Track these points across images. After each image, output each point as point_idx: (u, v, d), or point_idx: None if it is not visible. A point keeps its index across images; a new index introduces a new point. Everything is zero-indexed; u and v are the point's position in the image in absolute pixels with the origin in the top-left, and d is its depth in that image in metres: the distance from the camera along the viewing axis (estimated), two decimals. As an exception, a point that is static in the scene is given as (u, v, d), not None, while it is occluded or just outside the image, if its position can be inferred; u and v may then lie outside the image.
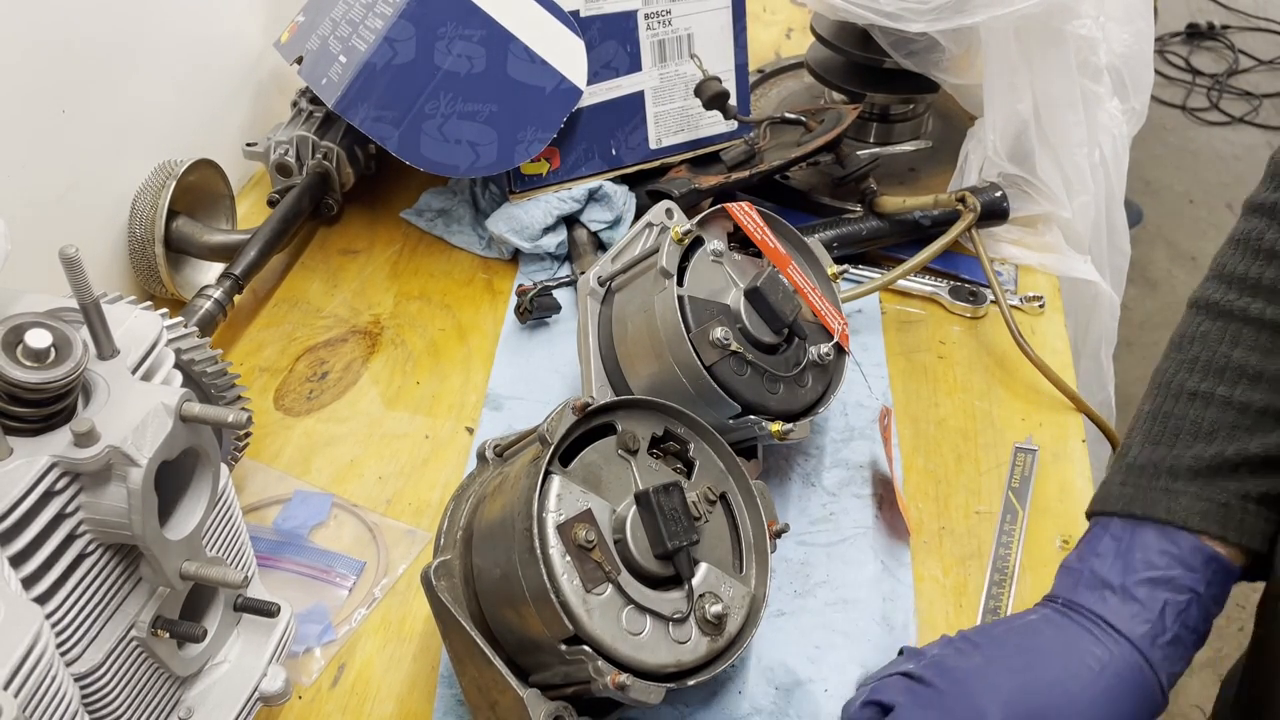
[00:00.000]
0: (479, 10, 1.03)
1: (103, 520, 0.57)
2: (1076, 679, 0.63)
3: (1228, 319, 0.69)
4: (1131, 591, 0.65)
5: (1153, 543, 0.67)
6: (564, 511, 0.64)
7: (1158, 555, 0.66)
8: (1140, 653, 0.64)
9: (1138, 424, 0.72)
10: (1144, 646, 0.64)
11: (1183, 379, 0.70)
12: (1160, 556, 0.66)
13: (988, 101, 1.07)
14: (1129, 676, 0.64)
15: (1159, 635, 0.64)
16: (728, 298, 0.82)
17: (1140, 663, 0.64)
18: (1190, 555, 0.66)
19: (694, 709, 0.73)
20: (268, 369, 0.99)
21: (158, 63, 1.07)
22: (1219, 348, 0.69)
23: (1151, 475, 0.69)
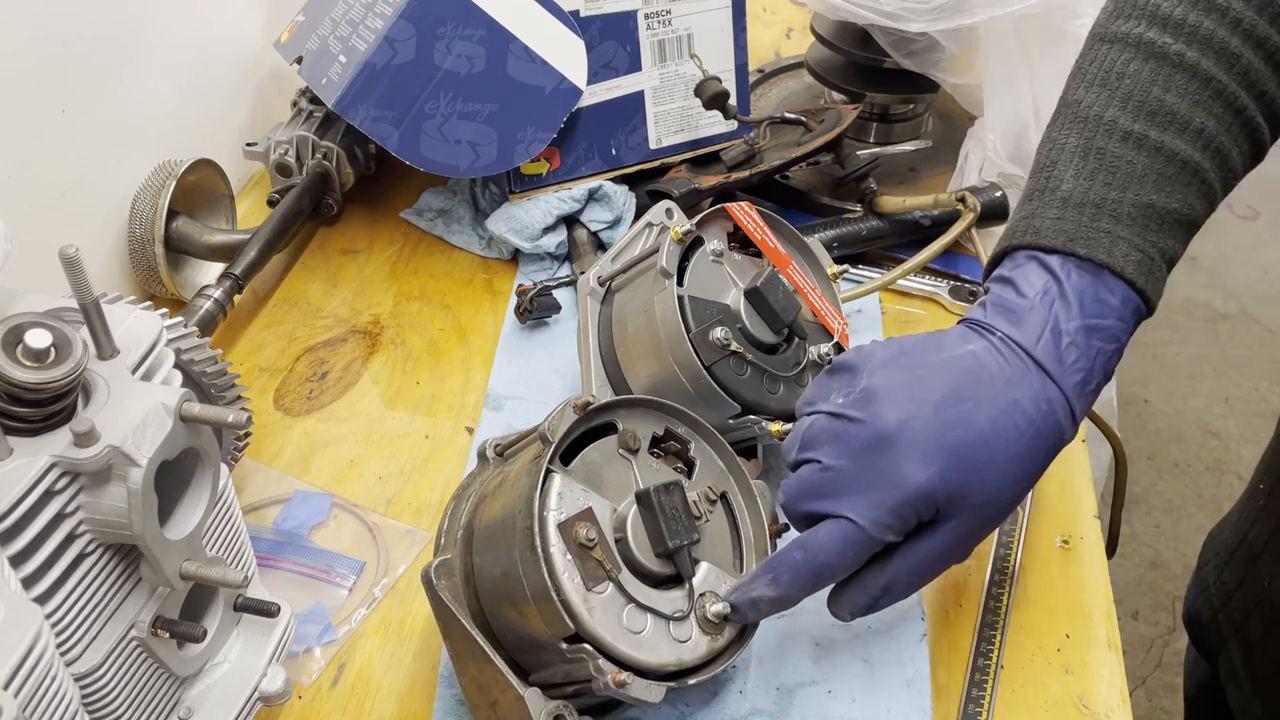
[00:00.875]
0: (479, 10, 1.03)
1: (103, 520, 0.57)
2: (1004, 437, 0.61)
3: (1160, 61, 0.65)
4: (1072, 338, 0.62)
5: (1089, 288, 0.63)
6: (565, 510, 0.64)
7: (1093, 302, 0.63)
8: (1069, 403, 0.62)
9: (1062, 157, 0.67)
10: (1073, 396, 0.62)
11: (1114, 116, 0.65)
12: (1096, 303, 0.63)
13: (988, 101, 1.07)
14: (1055, 428, 0.62)
15: (1087, 385, 0.63)
16: (728, 298, 0.82)
17: (1066, 414, 0.62)
18: (1123, 305, 0.63)
19: (695, 709, 0.73)
20: (268, 369, 0.99)
21: (158, 63, 1.07)
22: (1152, 89, 0.65)
23: (1092, 214, 0.64)
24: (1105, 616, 0.78)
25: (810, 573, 0.63)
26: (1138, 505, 2.24)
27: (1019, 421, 0.62)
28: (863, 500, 0.62)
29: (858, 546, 0.62)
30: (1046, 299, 0.64)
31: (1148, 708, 1.92)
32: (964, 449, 0.61)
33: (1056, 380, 0.62)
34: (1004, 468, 0.62)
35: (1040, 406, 0.62)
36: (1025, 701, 0.74)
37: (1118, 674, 0.75)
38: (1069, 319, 0.63)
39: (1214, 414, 2.44)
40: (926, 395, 0.63)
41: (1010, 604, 0.79)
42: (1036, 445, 0.62)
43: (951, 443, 0.61)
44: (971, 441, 0.62)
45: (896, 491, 0.61)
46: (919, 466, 0.61)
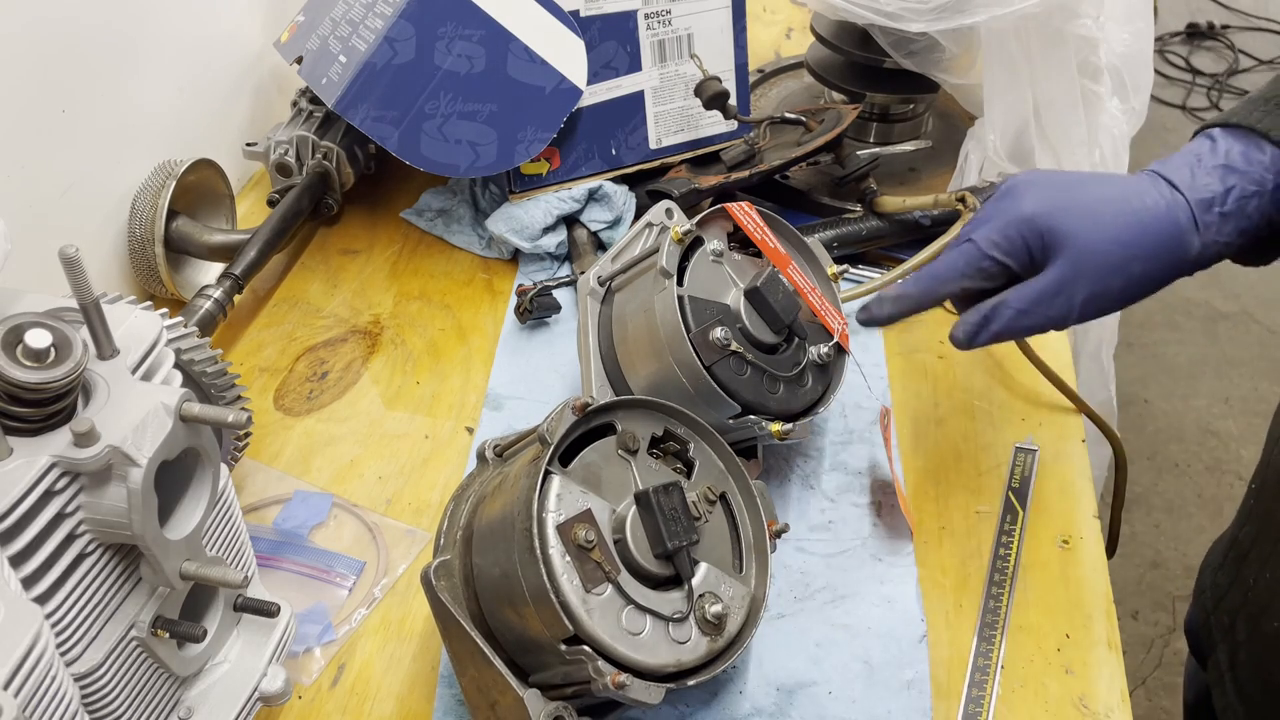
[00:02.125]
0: (479, 10, 1.03)
1: (103, 520, 0.57)
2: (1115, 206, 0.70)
3: None
4: (1206, 169, 0.70)
5: (1240, 145, 0.70)
6: (564, 511, 0.64)
7: (1241, 155, 0.70)
8: (1191, 211, 0.69)
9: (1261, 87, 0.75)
10: (1199, 209, 0.69)
11: None
12: (1243, 156, 0.69)
13: (988, 101, 1.07)
14: (1171, 221, 0.69)
15: (1215, 205, 0.69)
16: (728, 298, 0.82)
17: (1189, 219, 0.69)
18: (1273, 161, 0.69)
19: (694, 709, 0.73)
20: (268, 369, 0.99)
21: (158, 63, 1.07)
22: None
23: (1261, 104, 0.71)
24: (1105, 616, 0.78)
25: (929, 275, 0.75)
26: (1138, 505, 2.24)
27: (1132, 200, 0.70)
28: (984, 227, 0.73)
29: (968, 255, 0.73)
30: (1198, 150, 0.71)
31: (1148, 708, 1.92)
32: (1073, 196, 0.71)
33: (1181, 190, 0.69)
34: (1107, 223, 0.69)
35: (1159, 201, 0.69)
36: (1025, 701, 0.74)
37: (1118, 674, 0.75)
38: (1212, 159, 0.70)
39: (1214, 414, 2.43)
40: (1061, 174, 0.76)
41: (1010, 604, 0.79)
42: (1148, 221, 0.69)
43: (1064, 190, 0.72)
44: (1082, 195, 0.71)
45: (1007, 215, 0.72)
46: (1029, 200, 0.72)
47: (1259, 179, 0.69)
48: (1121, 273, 0.69)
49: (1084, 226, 0.70)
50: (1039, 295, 0.71)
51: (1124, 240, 0.69)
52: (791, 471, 0.89)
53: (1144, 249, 0.69)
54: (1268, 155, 0.69)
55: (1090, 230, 0.70)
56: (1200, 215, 0.69)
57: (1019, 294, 0.72)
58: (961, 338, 0.75)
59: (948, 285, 0.75)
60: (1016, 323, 0.72)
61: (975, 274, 0.74)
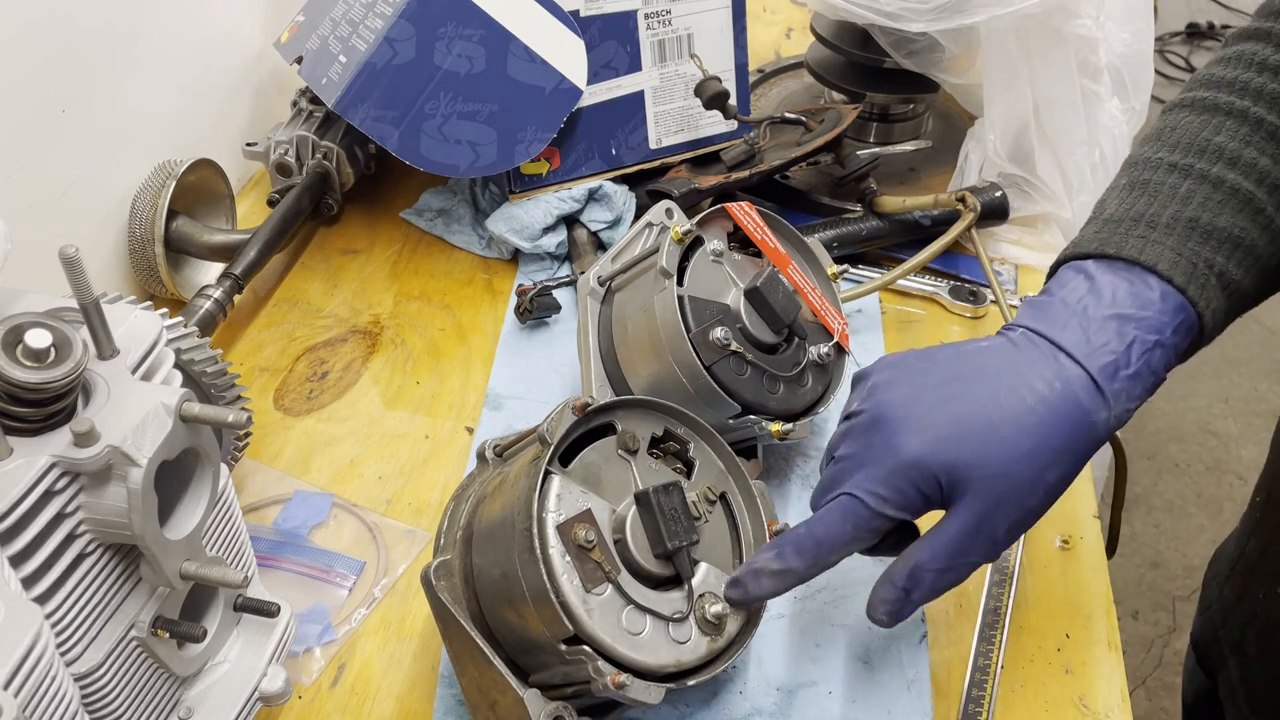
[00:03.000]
0: (479, 10, 1.03)
1: (103, 520, 0.57)
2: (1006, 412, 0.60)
3: (1211, 113, 0.66)
4: (1099, 324, 0.61)
5: (1124, 283, 0.62)
6: (564, 511, 0.64)
7: (1128, 295, 0.62)
8: (1097, 385, 0.59)
9: (1110, 195, 0.68)
10: (1103, 379, 0.60)
11: (1161, 156, 0.66)
12: (1130, 296, 0.62)
13: (988, 101, 1.07)
14: (1075, 406, 0.59)
15: (1122, 369, 0.60)
16: (728, 298, 0.82)
17: (1094, 395, 0.59)
18: (1161, 299, 0.61)
19: (695, 709, 0.73)
20: (268, 369, 1.00)
21: (158, 63, 1.07)
22: (1200, 133, 0.66)
23: (1129, 226, 0.64)
24: (1105, 616, 0.78)
25: (812, 543, 0.63)
26: (1138, 505, 2.24)
27: (1026, 396, 0.60)
28: (862, 475, 0.62)
29: (855, 518, 0.62)
30: (1076, 293, 0.63)
31: (1148, 708, 1.92)
32: (960, 419, 0.61)
33: (1078, 359, 0.60)
34: (1009, 439, 0.59)
35: (1054, 385, 0.60)
36: (1025, 701, 0.74)
37: (1118, 674, 0.75)
38: (1099, 308, 0.62)
39: (1214, 414, 2.44)
40: (926, 379, 0.63)
41: (1010, 604, 0.79)
42: (1051, 421, 0.59)
43: (947, 413, 0.61)
44: (968, 412, 0.60)
45: (889, 461, 0.61)
46: (912, 436, 0.61)
47: (1157, 325, 0.61)
48: (1039, 487, 0.60)
49: (981, 454, 0.59)
50: (958, 545, 0.61)
51: (1031, 452, 0.59)
52: (791, 471, 0.89)
53: (1054, 452, 0.60)
54: (1157, 293, 0.62)
55: (990, 456, 0.59)
56: (1106, 385, 0.60)
57: (933, 552, 0.61)
58: (886, 619, 0.63)
59: (836, 554, 0.64)
60: (941, 582, 0.62)
61: (867, 536, 0.63)
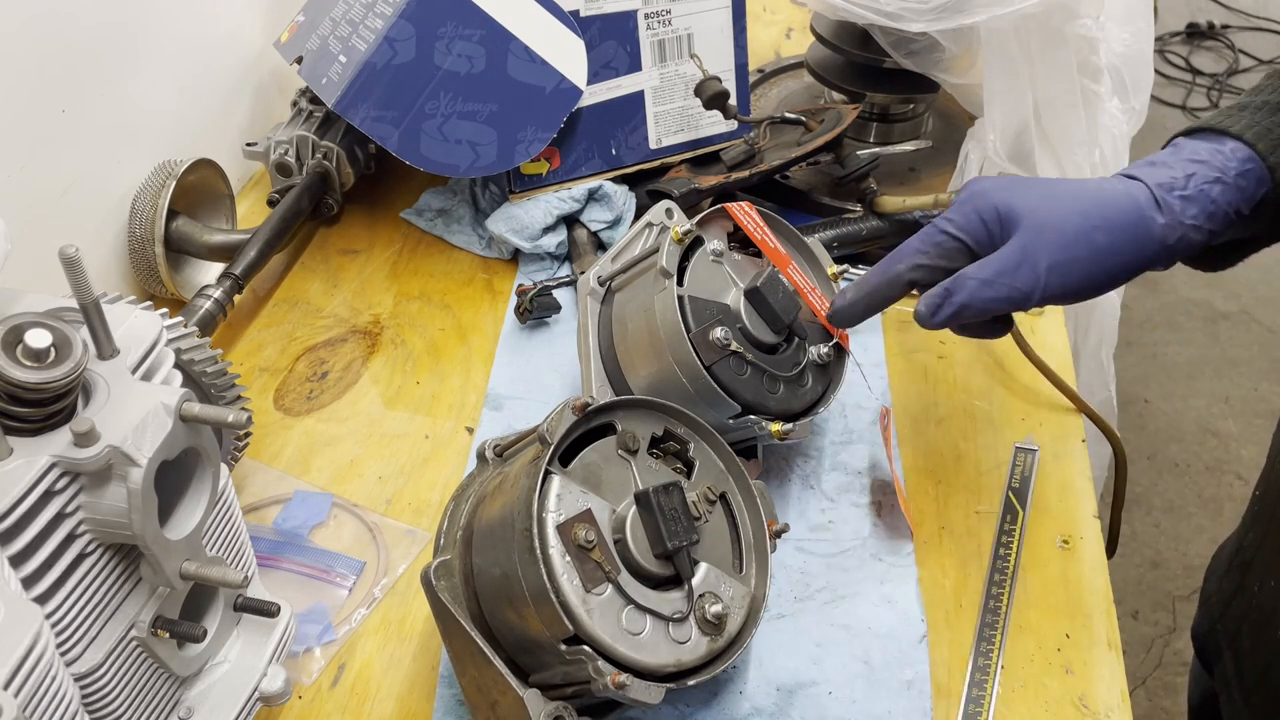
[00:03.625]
0: (479, 10, 1.03)
1: (103, 520, 0.57)
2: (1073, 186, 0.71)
3: None
4: (1167, 163, 0.70)
5: (1202, 144, 0.71)
6: (564, 511, 0.64)
7: (1203, 149, 0.70)
8: (1149, 189, 0.69)
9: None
10: (1156, 189, 0.69)
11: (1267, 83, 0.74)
12: (1204, 150, 0.70)
13: (988, 101, 1.07)
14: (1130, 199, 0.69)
15: (1175, 188, 0.69)
16: (728, 298, 0.82)
17: (1146, 195, 0.69)
18: (1231, 153, 0.70)
19: (695, 709, 0.73)
20: (268, 369, 1.00)
21: (158, 63, 1.07)
22: None
23: (1225, 111, 0.73)
24: (1105, 616, 0.78)
25: (887, 258, 0.75)
26: (1138, 505, 2.24)
27: (1088, 184, 0.71)
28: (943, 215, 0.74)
29: (924, 233, 0.73)
30: (1161, 154, 0.72)
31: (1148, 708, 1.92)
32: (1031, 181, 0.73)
33: (1140, 178, 0.70)
34: (1064, 196, 0.70)
35: (1116, 184, 0.70)
36: (1025, 701, 0.74)
37: (1118, 674, 0.75)
38: (1174, 156, 0.71)
39: (1214, 414, 2.43)
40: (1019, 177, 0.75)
41: (1010, 604, 0.79)
42: (1105, 199, 0.69)
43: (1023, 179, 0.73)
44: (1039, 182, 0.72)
45: (965, 195, 0.73)
46: (985, 185, 0.72)
47: (1220, 167, 0.69)
48: (1085, 242, 0.69)
49: (1041, 200, 0.70)
50: (1001, 266, 0.69)
51: (1083, 211, 0.69)
52: (791, 471, 0.89)
53: (1105, 220, 0.69)
54: (1228, 147, 0.70)
55: (1048, 203, 0.70)
56: (1161, 196, 0.69)
57: (980, 265, 0.70)
58: (924, 311, 0.72)
59: (904, 261, 0.74)
60: (980, 293, 0.70)
61: (931, 249, 0.73)
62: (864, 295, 0.77)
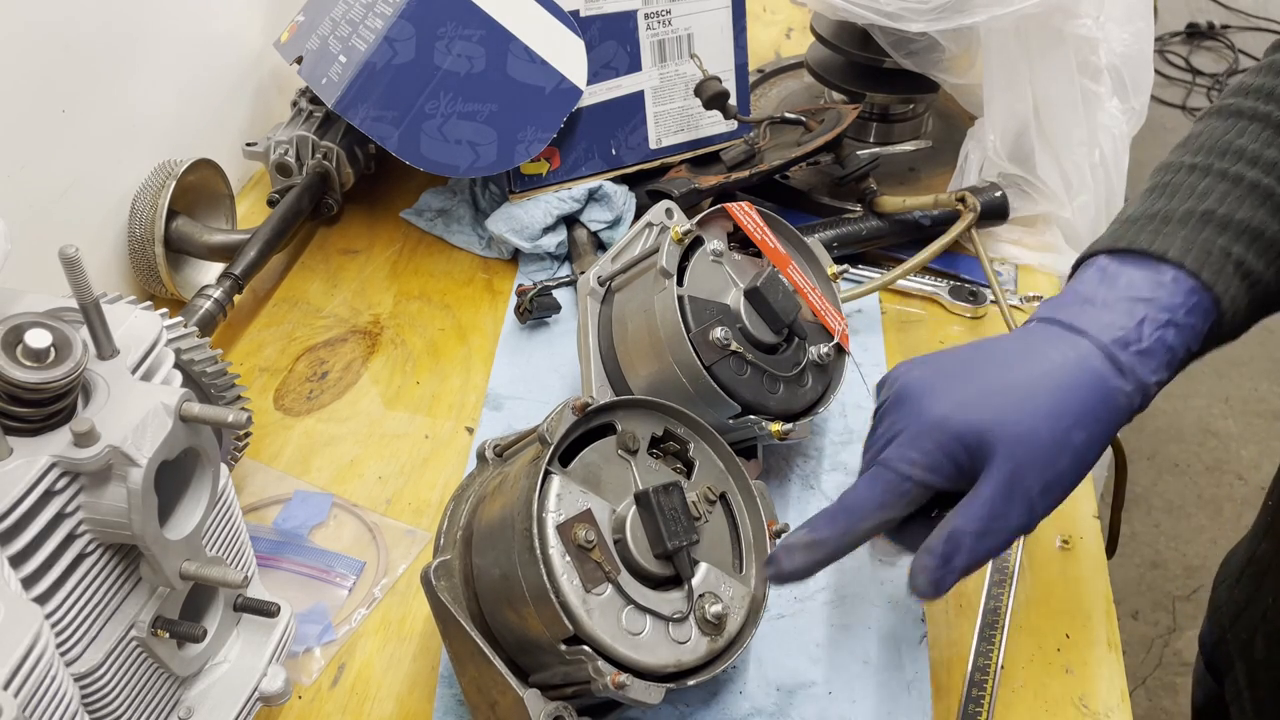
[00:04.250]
0: (479, 10, 1.03)
1: (103, 520, 0.57)
2: (1028, 372, 0.62)
3: (1236, 118, 0.68)
4: (1110, 307, 0.63)
5: (1137, 272, 0.64)
6: (564, 511, 0.64)
7: (1140, 281, 0.63)
8: (1107, 355, 0.61)
9: (1133, 199, 0.70)
10: (1114, 350, 0.61)
11: (1184, 159, 0.68)
12: (1144, 282, 0.63)
13: (988, 101, 1.07)
14: (1091, 372, 0.61)
15: (1132, 343, 0.61)
16: (728, 298, 0.82)
17: (1106, 364, 0.61)
18: (1173, 285, 0.63)
19: (695, 709, 0.73)
20: (268, 369, 1.00)
21: (158, 63, 1.07)
22: (1223, 136, 0.67)
23: (1145, 222, 0.66)
24: (1105, 616, 0.78)
25: (842, 512, 0.63)
26: (1138, 505, 2.24)
27: (1043, 364, 0.62)
28: (890, 447, 0.63)
29: (883, 482, 0.62)
30: (1090, 284, 0.65)
31: (1147, 708, 1.92)
32: (981, 387, 0.62)
33: (1089, 334, 0.62)
34: (1029, 399, 0.60)
35: (1068, 355, 0.61)
36: (1025, 701, 0.74)
37: (1118, 674, 0.75)
38: (1112, 294, 0.63)
39: (1214, 414, 2.44)
40: (945, 363, 0.65)
41: (1010, 604, 0.79)
42: (1068, 384, 0.61)
43: (968, 384, 0.63)
44: (988, 379, 0.62)
45: (914, 425, 0.62)
46: (935, 401, 0.62)
47: (1167, 305, 0.62)
48: (1065, 448, 0.60)
49: (1005, 412, 0.60)
50: (992, 509, 0.60)
51: (1053, 412, 0.60)
52: (791, 471, 0.89)
53: (1075, 414, 0.60)
54: (1169, 277, 0.63)
55: (1013, 413, 0.60)
56: (1119, 356, 0.61)
57: (968, 515, 0.60)
58: (927, 589, 0.61)
59: (867, 521, 0.63)
60: (981, 547, 0.60)
61: (897, 503, 0.62)
62: (818, 557, 0.64)
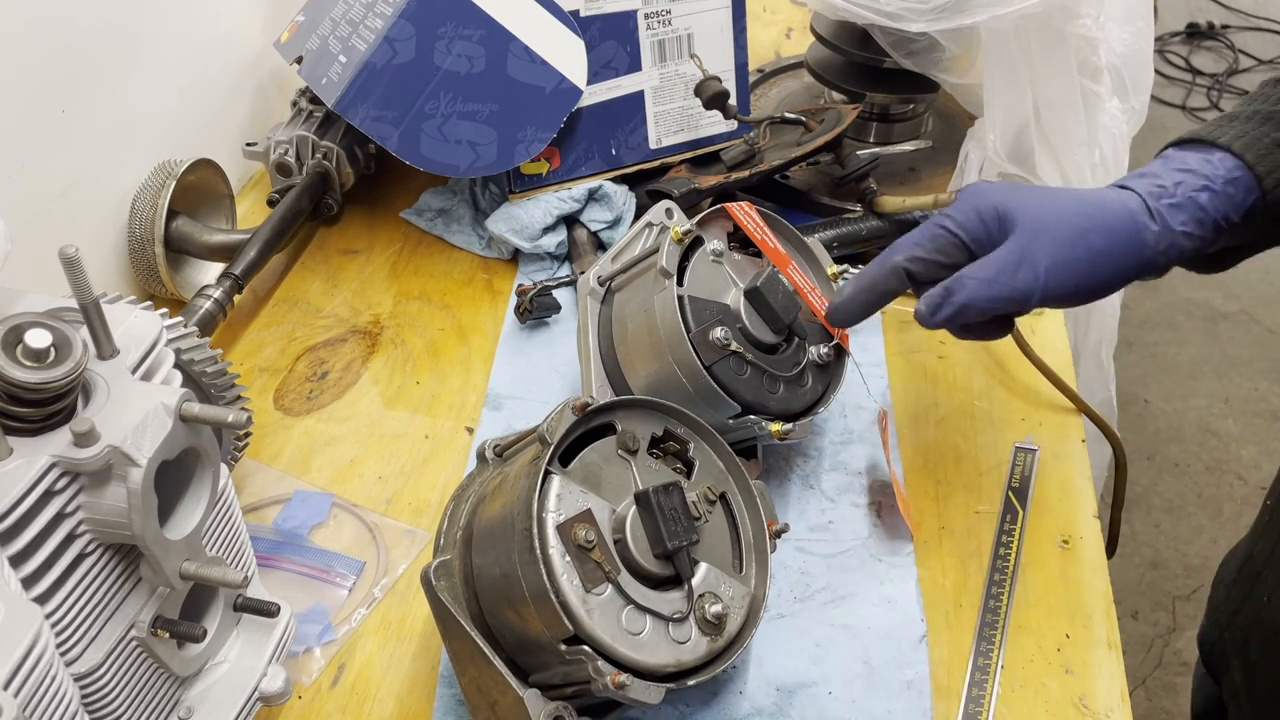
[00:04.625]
0: (479, 10, 1.03)
1: (103, 520, 0.57)
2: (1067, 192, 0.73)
3: None
4: (1156, 172, 0.72)
5: (1191, 155, 0.72)
6: (564, 511, 0.64)
7: (1192, 159, 0.72)
8: (1140, 196, 0.70)
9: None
10: (1147, 197, 0.70)
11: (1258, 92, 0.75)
12: (1193, 160, 0.72)
13: (988, 101, 1.07)
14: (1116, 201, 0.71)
15: (1163, 196, 0.70)
16: (728, 298, 0.82)
17: (1137, 202, 0.70)
18: (1219, 162, 0.71)
19: (695, 709, 0.73)
20: (268, 369, 1.00)
21: (158, 63, 1.07)
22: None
23: (1214, 122, 0.74)
24: (1105, 616, 0.78)
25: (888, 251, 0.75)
26: (1138, 505, 2.24)
27: (1084, 192, 0.73)
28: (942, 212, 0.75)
29: (922, 227, 0.75)
30: (1150, 165, 0.74)
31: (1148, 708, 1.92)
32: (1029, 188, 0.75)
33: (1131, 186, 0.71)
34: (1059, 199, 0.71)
35: (1108, 192, 0.72)
36: (1025, 701, 0.74)
37: (1118, 674, 0.75)
38: (1163, 166, 0.73)
39: (1214, 414, 2.43)
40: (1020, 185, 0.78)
41: (1010, 604, 0.79)
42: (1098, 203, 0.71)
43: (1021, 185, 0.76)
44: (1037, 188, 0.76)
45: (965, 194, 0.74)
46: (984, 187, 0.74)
47: (1208, 175, 0.71)
48: (1082, 244, 0.70)
49: (1038, 202, 0.71)
50: (1000, 265, 0.70)
51: (1078, 212, 0.70)
52: (791, 471, 0.89)
53: (1100, 224, 0.70)
54: (1215, 157, 0.71)
55: (1045, 205, 0.71)
56: (1152, 203, 0.70)
57: (980, 265, 0.71)
58: (925, 310, 0.73)
59: (901, 253, 0.75)
60: (980, 293, 0.71)
61: (928, 243, 0.74)
62: (861, 290, 0.77)
